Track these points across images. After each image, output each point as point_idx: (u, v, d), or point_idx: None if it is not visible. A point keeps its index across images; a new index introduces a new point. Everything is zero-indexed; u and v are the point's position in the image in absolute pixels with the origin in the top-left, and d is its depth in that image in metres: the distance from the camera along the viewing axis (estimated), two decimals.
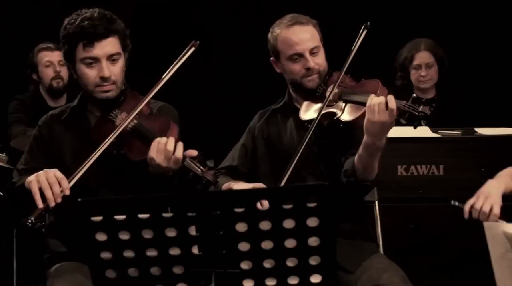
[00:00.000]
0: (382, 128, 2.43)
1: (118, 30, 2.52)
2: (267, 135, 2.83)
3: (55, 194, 2.31)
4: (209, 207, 1.74)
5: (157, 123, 2.50)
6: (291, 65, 2.71)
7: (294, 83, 2.76)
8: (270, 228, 1.73)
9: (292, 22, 2.72)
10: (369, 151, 2.47)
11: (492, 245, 1.69)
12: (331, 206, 1.70)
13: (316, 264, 1.76)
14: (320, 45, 2.73)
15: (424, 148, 3.44)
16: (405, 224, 3.44)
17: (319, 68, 2.70)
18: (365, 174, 2.53)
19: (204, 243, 1.77)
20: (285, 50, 2.71)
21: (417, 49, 4.22)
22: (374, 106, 2.42)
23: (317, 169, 2.71)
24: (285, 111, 2.83)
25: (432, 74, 4.22)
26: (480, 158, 3.43)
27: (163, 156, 2.35)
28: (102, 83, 2.48)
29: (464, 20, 4.79)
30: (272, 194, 1.75)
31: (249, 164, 2.83)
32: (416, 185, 3.44)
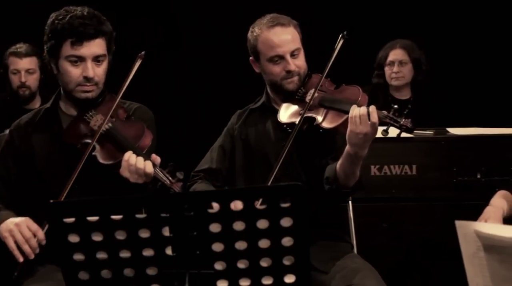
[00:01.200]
0: (364, 139, 2.43)
1: (106, 32, 2.51)
2: (245, 136, 2.82)
3: (33, 248, 2.34)
4: (182, 208, 1.74)
5: (132, 129, 2.49)
6: (271, 67, 2.70)
7: (273, 84, 2.74)
8: (244, 228, 1.73)
9: (274, 23, 2.69)
10: (351, 160, 2.48)
11: (463, 243, 1.70)
12: (304, 206, 1.70)
13: (290, 264, 1.76)
14: (301, 47, 2.71)
15: (397, 148, 3.46)
16: (379, 224, 3.46)
17: (299, 70, 2.69)
18: (346, 181, 2.54)
19: (178, 244, 1.77)
20: (266, 51, 2.69)
21: (392, 47, 4.29)
22: (356, 117, 2.42)
23: (295, 172, 2.71)
24: (263, 112, 2.82)
25: (405, 72, 4.25)
26: (452, 158, 3.46)
27: (136, 175, 2.37)
28: (84, 83, 2.47)
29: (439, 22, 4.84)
30: (246, 194, 1.75)
31: (227, 166, 2.82)
32: (389, 184, 3.46)
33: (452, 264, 2.10)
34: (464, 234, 1.69)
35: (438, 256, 3.36)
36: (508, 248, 1.60)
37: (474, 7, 4.81)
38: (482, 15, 4.80)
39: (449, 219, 2.80)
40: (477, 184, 3.43)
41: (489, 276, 1.68)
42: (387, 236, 3.47)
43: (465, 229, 1.69)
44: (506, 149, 3.44)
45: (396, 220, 3.48)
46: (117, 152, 2.42)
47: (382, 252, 3.29)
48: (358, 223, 2.93)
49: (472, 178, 3.44)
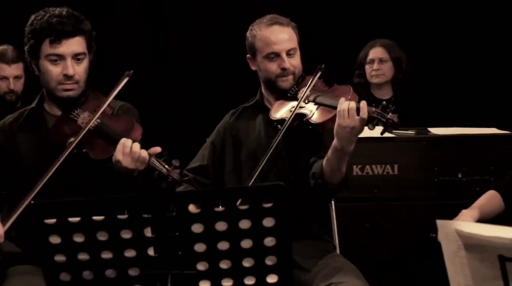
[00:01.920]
0: (352, 133, 2.45)
1: (86, 31, 2.52)
2: (235, 132, 2.85)
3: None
4: (164, 209, 1.73)
5: (121, 123, 2.50)
6: (267, 64, 2.74)
7: (268, 82, 2.78)
8: (226, 228, 1.73)
9: (272, 22, 2.75)
10: (338, 154, 2.49)
11: (445, 242, 1.71)
12: (286, 206, 1.71)
13: (272, 264, 1.76)
14: (297, 48, 2.76)
15: (378, 148, 3.47)
16: (361, 224, 3.47)
17: (294, 69, 2.73)
18: (332, 177, 2.55)
19: (160, 245, 1.76)
20: (263, 48, 2.74)
21: (372, 46, 4.31)
22: (345, 111, 2.44)
23: (283, 169, 2.72)
24: (255, 109, 2.86)
25: (385, 69, 4.27)
26: (433, 157, 3.47)
27: (129, 158, 2.36)
28: (65, 81, 2.47)
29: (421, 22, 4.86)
30: (228, 195, 1.75)
31: (217, 162, 2.84)
32: (371, 184, 3.47)
33: (433, 263, 2.11)
34: (445, 233, 1.70)
35: (420, 255, 3.38)
36: (489, 247, 1.61)
37: (455, 6, 4.84)
38: (463, 15, 4.83)
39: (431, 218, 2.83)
40: (458, 183, 3.45)
41: (470, 275, 1.69)
42: (369, 235, 3.47)
43: (446, 228, 1.70)
44: (486, 149, 3.46)
45: (378, 220, 3.49)
46: (109, 146, 2.42)
47: (365, 252, 3.30)
48: (341, 223, 2.94)
49: (453, 177, 3.46)
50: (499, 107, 4.57)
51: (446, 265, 1.74)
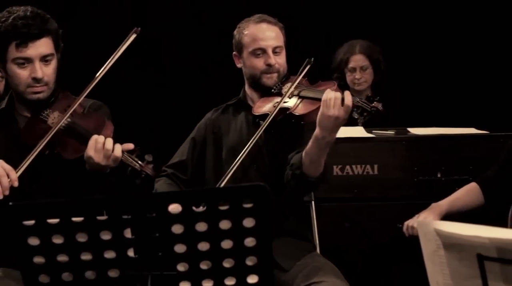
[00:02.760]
0: (335, 122, 2.45)
1: (52, 30, 2.47)
2: (217, 129, 2.86)
3: (4, 186, 2.27)
4: (144, 209, 1.73)
5: (92, 121, 2.48)
6: (253, 60, 2.77)
7: (252, 78, 2.79)
8: (206, 229, 1.73)
9: (261, 19, 2.80)
10: (319, 144, 2.49)
11: (424, 242, 1.72)
12: (267, 206, 1.71)
13: (252, 265, 1.76)
14: (283, 47, 2.80)
15: (358, 148, 3.49)
16: (341, 223, 3.48)
17: (279, 67, 2.76)
18: (311, 169, 2.54)
19: (139, 246, 1.75)
20: (249, 44, 2.77)
21: (352, 52, 4.27)
22: (330, 100, 2.44)
23: (264, 165, 2.73)
24: (238, 107, 2.88)
25: (366, 77, 4.28)
26: (413, 157, 3.49)
27: (101, 154, 2.34)
28: (34, 84, 2.44)
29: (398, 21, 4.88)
30: (208, 195, 1.74)
31: (197, 158, 2.84)
32: (351, 184, 3.48)
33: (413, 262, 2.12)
34: (425, 232, 1.71)
35: (400, 255, 3.39)
36: (467, 246, 1.62)
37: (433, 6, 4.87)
38: (441, 15, 4.85)
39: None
40: (437, 183, 3.47)
41: (449, 274, 1.70)
42: (349, 235, 3.49)
43: (425, 228, 1.71)
44: (465, 149, 3.49)
45: (359, 220, 3.50)
46: (81, 145, 2.40)
47: (345, 252, 3.31)
48: (321, 223, 2.95)
49: (432, 177, 3.48)
50: (478, 107, 4.60)
51: (425, 264, 1.75)
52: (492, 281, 1.62)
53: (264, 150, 2.72)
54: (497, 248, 1.57)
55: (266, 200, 1.70)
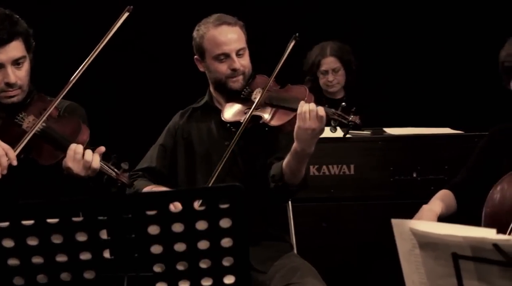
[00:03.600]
0: (312, 135, 2.45)
1: (22, 32, 2.42)
2: (187, 135, 2.81)
3: (2, 166, 2.26)
4: (120, 210, 1.72)
5: (68, 126, 2.45)
6: (216, 65, 2.71)
7: (218, 83, 2.74)
8: (182, 230, 1.72)
9: (220, 21, 2.71)
10: (298, 157, 2.49)
11: (400, 241, 1.73)
12: (243, 206, 1.71)
13: (229, 265, 1.75)
14: (246, 47, 2.74)
15: (335, 148, 3.50)
16: (318, 223, 3.49)
17: (244, 69, 2.71)
18: (292, 179, 2.55)
19: (115, 247, 1.74)
20: (212, 49, 2.70)
21: (323, 55, 4.29)
22: (306, 113, 2.43)
23: (239, 172, 2.71)
24: (206, 111, 2.82)
25: (339, 78, 4.32)
26: (389, 157, 3.52)
27: (80, 165, 2.32)
28: (7, 89, 2.39)
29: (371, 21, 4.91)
30: (184, 196, 1.74)
31: (168, 165, 2.80)
32: (328, 184, 3.50)
33: (389, 261, 2.13)
34: (400, 232, 1.72)
35: (376, 254, 3.41)
36: (442, 245, 1.63)
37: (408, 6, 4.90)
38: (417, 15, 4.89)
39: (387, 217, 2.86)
40: (413, 182, 3.50)
41: (425, 273, 1.72)
42: (326, 235, 3.50)
43: (401, 227, 1.72)
44: (440, 148, 3.52)
45: (335, 219, 3.52)
46: (56, 150, 2.38)
47: (322, 251, 3.32)
48: (298, 223, 2.95)
49: (408, 177, 3.51)
50: (453, 107, 4.64)
51: (401, 264, 1.76)
52: (467, 279, 1.64)
53: (238, 157, 2.70)
54: (471, 246, 1.59)
55: (242, 200, 1.70)
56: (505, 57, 2.44)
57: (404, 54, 4.87)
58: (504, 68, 2.45)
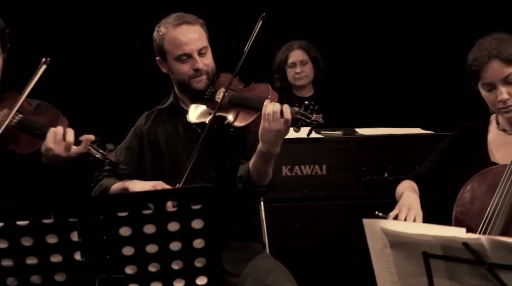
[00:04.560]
0: (277, 136, 2.43)
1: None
2: (153, 137, 2.78)
3: None
4: (91, 212, 1.71)
5: (46, 116, 2.46)
6: (178, 66, 2.66)
7: (181, 83, 2.70)
8: (154, 231, 1.72)
9: (180, 21, 2.66)
10: (264, 158, 2.48)
11: (371, 241, 1.74)
12: (215, 207, 1.70)
13: (201, 266, 1.75)
14: (208, 46, 2.69)
15: (307, 148, 3.51)
16: (290, 223, 3.50)
17: (207, 69, 2.67)
18: (260, 180, 2.54)
19: (87, 249, 1.73)
20: (173, 50, 2.66)
21: (290, 49, 4.37)
22: (269, 115, 2.42)
23: (206, 173, 2.69)
24: (171, 112, 2.79)
25: (307, 71, 4.36)
26: (360, 157, 3.54)
27: (61, 146, 2.31)
28: None
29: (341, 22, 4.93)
30: (156, 197, 1.73)
31: (136, 167, 2.77)
32: (300, 184, 3.51)
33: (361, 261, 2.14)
34: (372, 232, 1.74)
35: (348, 254, 3.43)
36: (413, 244, 1.65)
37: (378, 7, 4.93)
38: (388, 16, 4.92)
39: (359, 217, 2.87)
40: (384, 182, 3.52)
41: (396, 272, 1.73)
42: (298, 235, 3.51)
43: (372, 227, 1.73)
44: (411, 148, 3.54)
45: (308, 219, 3.53)
46: (36, 138, 2.39)
47: (294, 251, 3.33)
48: (270, 223, 2.96)
49: (379, 176, 3.53)
50: (423, 107, 4.68)
51: (373, 263, 1.77)
52: (437, 278, 1.65)
53: (206, 158, 2.68)
54: (441, 245, 1.61)
55: (214, 201, 1.70)
56: (473, 61, 2.47)
57: (375, 55, 4.91)
58: (472, 71, 2.48)
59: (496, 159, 2.52)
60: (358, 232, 2.30)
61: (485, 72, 2.43)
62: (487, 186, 2.41)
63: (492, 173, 2.43)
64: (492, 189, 2.37)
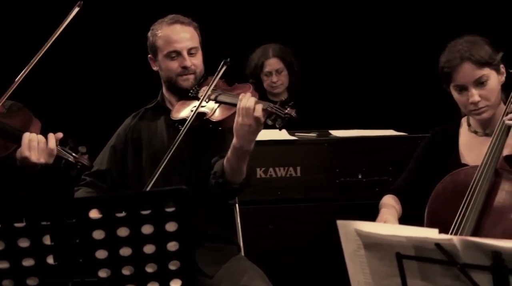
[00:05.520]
0: (249, 131, 2.44)
1: None
2: (137, 135, 2.80)
3: None
4: (64, 215, 1.69)
5: (18, 118, 2.45)
6: (168, 62, 2.72)
7: (169, 81, 2.75)
8: (128, 234, 1.71)
9: (174, 20, 2.74)
10: (237, 153, 2.48)
11: (345, 242, 1.75)
12: (189, 210, 1.70)
13: (175, 269, 1.75)
14: (199, 47, 2.75)
15: (281, 150, 3.52)
16: (265, 225, 3.50)
17: (195, 68, 2.72)
18: (233, 177, 2.54)
19: (59, 253, 1.72)
20: (164, 46, 2.72)
21: (266, 57, 4.33)
22: (243, 108, 2.44)
23: (186, 170, 2.70)
24: (156, 111, 2.83)
25: (282, 79, 4.35)
26: (334, 159, 3.55)
27: (36, 152, 2.31)
28: None
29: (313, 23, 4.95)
30: (130, 200, 1.72)
31: (119, 166, 2.78)
32: (274, 186, 3.51)
33: (335, 262, 2.15)
34: (345, 233, 1.74)
35: (323, 255, 3.44)
36: (386, 245, 1.66)
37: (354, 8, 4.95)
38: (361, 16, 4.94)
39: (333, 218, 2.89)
40: (358, 184, 3.54)
41: (370, 273, 1.74)
42: (273, 237, 3.51)
43: (346, 228, 1.74)
44: (385, 150, 3.56)
45: (282, 221, 3.53)
46: (7, 142, 2.37)
47: (269, 253, 3.33)
48: (245, 225, 2.95)
49: (353, 178, 3.55)
50: (396, 109, 4.71)
51: (346, 264, 1.78)
52: (410, 278, 1.66)
53: (185, 155, 2.70)
54: (414, 246, 1.62)
55: (188, 204, 1.69)
56: (445, 63, 2.50)
57: (348, 57, 4.93)
58: (444, 73, 2.51)
59: (467, 161, 2.55)
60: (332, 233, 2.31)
61: (457, 74, 2.46)
62: (459, 187, 2.43)
63: (464, 174, 2.46)
64: (463, 190, 2.39)
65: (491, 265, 1.51)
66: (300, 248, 3.51)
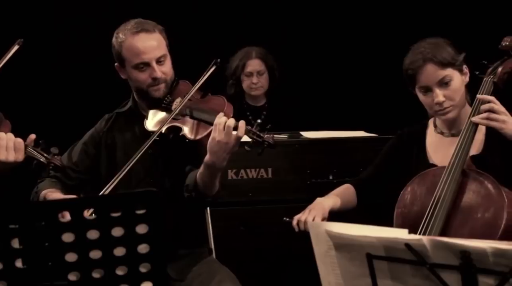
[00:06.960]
0: (225, 149, 2.41)
1: None
2: (111, 141, 2.75)
3: None
4: (32, 218, 1.68)
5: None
6: (136, 74, 2.63)
7: (140, 91, 2.67)
8: (98, 237, 1.70)
9: (138, 29, 2.62)
10: (209, 169, 2.45)
11: (316, 243, 1.75)
12: (160, 212, 1.70)
13: (146, 271, 1.74)
14: (167, 53, 2.66)
15: (252, 152, 3.50)
16: (236, 227, 3.50)
17: (166, 77, 2.63)
18: (206, 190, 2.51)
19: (28, 256, 1.70)
20: (131, 58, 2.62)
21: (248, 57, 4.30)
22: (221, 125, 2.39)
23: (159, 178, 2.66)
24: (130, 117, 2.76)
25: (263, 82, 4.33)
26: (306, 160, 3.56)
27: (5, 150, 2.31)
28: None
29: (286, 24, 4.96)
30: (100, 202, 1.71)
31: (89, 168, 2.74)
32: (246, 188, 3.51)
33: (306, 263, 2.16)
34: (316, 234, 1.75)
35: (294, 257, 3.45)
36: (357, 246, 1.66)
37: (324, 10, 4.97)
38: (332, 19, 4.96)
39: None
40: (329, 185, 3.53)
41: (340, 274, 1.74)
42: (244, 238, 3.51)
43: (317, 229, 1.74)
44: (355, 151, 3.58)
45: (254, 223, 3.53)
46: None
47: (240, 255, 3.33)
48: (216, 227, 2.95)
49: (325, 179, 3.56)
50: (366, 111, 4.74)
51: (317, 265, 1.78)
52: (380, 279, 1.67)
53: (159, 163, 2.66)
54: (384, 247, 1.63)
55: (159, 206, 1.69)
56: (408, 65, 2.53)
57: (318, 59, 4.94)
58: (408, 75, 2.54)
59: (435, 161, 2.58)
60: (303, 234, 2.32)
61: (420, 76, 2.50)
62: (427, 187, 2.46)
63: (431, 174, 2.49)
64: (431, 190, 2.42)
65: (460, 265, 1.53)
66: (271, 250, 3.52)
